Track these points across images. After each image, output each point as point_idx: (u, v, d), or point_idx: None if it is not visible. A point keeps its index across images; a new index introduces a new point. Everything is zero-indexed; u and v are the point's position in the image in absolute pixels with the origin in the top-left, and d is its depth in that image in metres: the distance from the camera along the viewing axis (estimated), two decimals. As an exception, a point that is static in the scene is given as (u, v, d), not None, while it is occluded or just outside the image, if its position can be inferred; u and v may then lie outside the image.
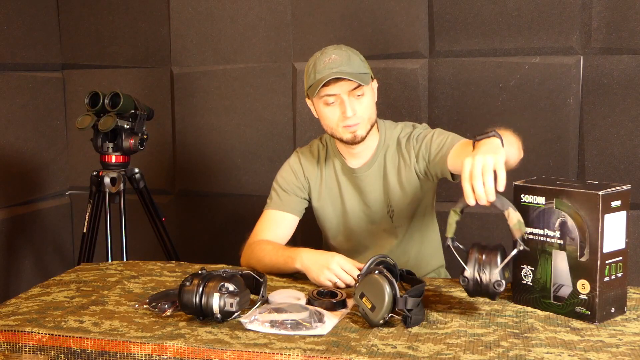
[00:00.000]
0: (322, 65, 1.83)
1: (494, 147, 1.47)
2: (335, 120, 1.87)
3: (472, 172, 1.41)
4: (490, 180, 1.39)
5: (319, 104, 1.88)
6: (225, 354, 1.32)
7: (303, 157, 2.06)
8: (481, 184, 1.40)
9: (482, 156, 1.41)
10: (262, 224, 1.99)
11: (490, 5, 2.64)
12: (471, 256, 1.44)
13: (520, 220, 1.42)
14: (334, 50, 1.86)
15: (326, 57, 1.84)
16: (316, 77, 1.84)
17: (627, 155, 2.55)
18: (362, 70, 1.86)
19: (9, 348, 1.44)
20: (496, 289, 1.41)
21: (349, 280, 1.66)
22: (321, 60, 1.84)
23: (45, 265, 3.20)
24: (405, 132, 1.98)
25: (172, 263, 2.00)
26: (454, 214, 1.49)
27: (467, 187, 1.42)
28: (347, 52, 1.86)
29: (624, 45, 2.51)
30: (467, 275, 1.43)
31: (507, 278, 1.44)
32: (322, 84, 1.80)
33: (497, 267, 1.41)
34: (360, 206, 2.01)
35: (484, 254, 1.44)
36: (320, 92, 1.83)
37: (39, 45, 3.11)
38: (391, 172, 1.97)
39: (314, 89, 1.84)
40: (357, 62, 1.86)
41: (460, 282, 1.45)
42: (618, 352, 1.28)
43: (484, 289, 1.43)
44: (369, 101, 1.88)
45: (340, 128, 1.87)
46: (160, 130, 3.13)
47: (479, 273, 1.43)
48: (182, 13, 3.04)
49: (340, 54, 1.84)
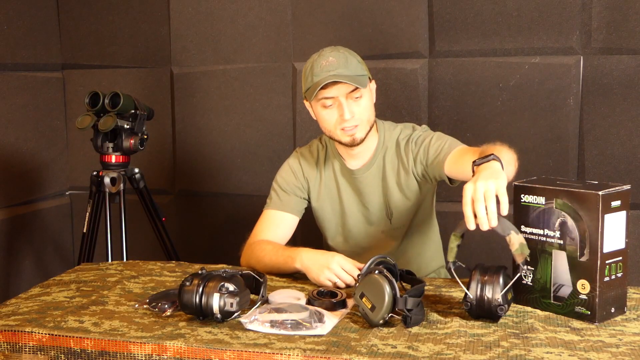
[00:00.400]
0: (319, 67, 1.83)
1: (495, 171, 1.46)
2: (334, 123, 1.87)
3: (475, 197, 1.40)
4: (492, 206, 1.39)
5: (316, 106, 1.88)
6: (225, 354, 1.32)
7: (302, 157, 2.06)
8: (483, 208, 1.39)
9: (484, 182, 1.41)
10: (262, 224, 1.99)
11: (490, 5, 2.64)
12: (473, 279, 1.44)
13: (523, 243, 1.42)
14: (331, 52, 1.85)
15: (323, 59, 1.83)
16: (314, 80, 1.83)
17: (627, 155, 2.55)
18: (360, 72, 1.85)
19: (9, 348, 1.44)
20: (498, 312, 1.42)
21: (349, 280, 1.66)
22: (318, 63, 1.84)
23: (45, 265, 3.20)
24: (404, 134, 1.98)
25: (172, 263, 2.00)
26: (454, 238, 1.50)
27: (469, 211, 1.41)
28: (345, 54, 1.86)
29: (624, 45, 2.51)
30: (469, 300, 1.44)
31: (509, 300, 1.44)
32: (320, 87, 1.80)
33: (499, 291, 1.41)
34: (358, 207, 2.01)
35: (486, 277, 1.43)
36: (318, 95, 1.83)
37: (39, 45, 3.11)
38: (390, 174, 1.97)
39: (311, 91, 1.83)
40: (354, 64, 1.85)
41: (463, 306, 1.45)
42: (618, 352, 1.29)
43: (486, 312, 1.43)
44: (367, 103, 1.87)
45: (338, 130, 1.87)
46: (160, 130, 3.13)
47: (481, 297, 1.43)
48: (182, 13, 3.04)
49: (337, 56, 1.84)
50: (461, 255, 1.52)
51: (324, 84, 1.79)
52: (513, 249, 1.42)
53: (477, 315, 1.46)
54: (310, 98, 1.86)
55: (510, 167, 1.61)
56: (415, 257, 2.05)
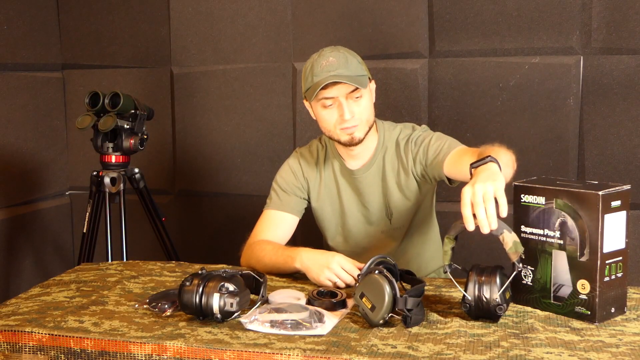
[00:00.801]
0: (319, 68, 1.83)
1: (493, 173, 1.45)
2: (333, 123, 1.87)
3: (474, 201, 1.39)
4: (492, 208, 1.38)
5: (316, 106, 1.88)
6: (225, 354, 1.32)
7: (302, 157, 2.06)
8: (483, 211, 1.38)
9: (482, 184, 1.40)
10: (262, 224, 1.99)
11: (490, 5, 2.64)
12: (470, 281, 1.44)
13: (516, 241, 1.42)
14: (332, 52, 1.85)
15: (323, 59, 1.83)
16: (314, 80, 1.83)
17: (627, 155, 2.55)
18: (360, 73, 1.85)
19: (9, 348, 1.44)
20: (497, 312, 1.42)
21: (349, 280, 1.66)
22: (318, 63, 1.84)
23: (45, 265, 3.20)
24: (404, 134, 1.98)
25: (172, 263, 2.00)
26: (448, 241, 1.50)
27: (468, 212, 1.40)
28: (345, 54, 1.86)
29: (624, 45, 2.51)
30: (468, 302, 1.44)
31: (508, 299, 1.44)
32: (320, 87, 1.80)
33: (497, 291, 1.41)
34: (358, 207, 2.01)
35: (483, 277, 1.43)
36: (318, 95, 1.83)
37: (39, 45, 3.11)
38: (390, 174, 1.97)
39: (311, 92, 1.83)
40: (354, 64, 1.85)
41: (462, 308, 1.45)
42: (618, 352, 1.28)
43: (485, 312, 1.44)
44: (366, 103, 1.87)
45: (338, 130, 1.87)
46: (160, 130, 3.13)
47: (479, 298, 1.43)
48: (182, 13, 3.04)
49: (337, 56, 1.84)
50: (460, 257, 1.52)
51: (324, 84, 1.79)
52: (507, 248, 1.42)
53: (476, 316, 1.46)
54: (310, 98, 1.86)
55: (508, 168, 1.60)
56: (415, 257, 2.05)
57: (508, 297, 1.45)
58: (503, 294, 1.42)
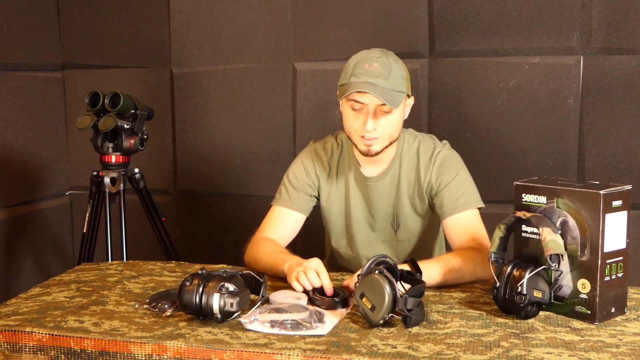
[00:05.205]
0: (361, 69, 1.77)
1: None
2: (355, 127, 1.82)
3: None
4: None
5: (345, 105, 1.83)
6: (225, 354, 1.32)
7: (316, 154, 2.01)
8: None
9: None
10: (268, 221, 1.98)
11: (490, 5, 2.64)
12: (504, 270, 1.47)
13: (554, 240, 1.45)
14: (379, 57, 1.79)
15: (367, 62, 1.77)
16: (350, 80, 1.77)
17: (627, 155, 2.55)
18: (398, 88, 1.78)
19: (9, 348, 1.44)
20: (518, 302, 1.43)
21: (316, 284, 1.60)
22: (361, 65, 1.77)
23: (45, 265, 3.20)
24: (424, 147, 1.93)
25: (172, 263, 2.00)
26: (498, 230, 1.53)
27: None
28: (392, 64, 1.79)
29: (624, 45, 2.51)
30: (495, 287, 1.47)
31: (535, 297, 1.45)
32: (353, 90, 1.75)
33: (524, 282, 1.43)
34: (364, 214, 1.97)
35: (517, 270, 1.46)
36: (349, 96, 1.78)
37: (39, 45, 3.11)
38: (404, 186, 1.93)
39: (344, 90, 1.79)
40: (396, 78, 1.78)
41: (490, 293, 1.49)
42: (618, 352, 1.28)
43: (510, 303, 1.46)
44: (395, 118, 1.81)
45: (357, 136, 1.83)
46: (160, 130, 3.13)
47: (506, 286, 1.46)
48: (182, 13, 3.04)
49: (383, 64, 1.77)
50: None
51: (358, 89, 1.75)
52: (543, 242, 1.45)
53: (502, 305, 1.48)
54: (341, 95, 1.81)
55: (450, 275, 1.69)
56: None
57: (540, 295, 1.45)
58: (530, 287, 1.43)
